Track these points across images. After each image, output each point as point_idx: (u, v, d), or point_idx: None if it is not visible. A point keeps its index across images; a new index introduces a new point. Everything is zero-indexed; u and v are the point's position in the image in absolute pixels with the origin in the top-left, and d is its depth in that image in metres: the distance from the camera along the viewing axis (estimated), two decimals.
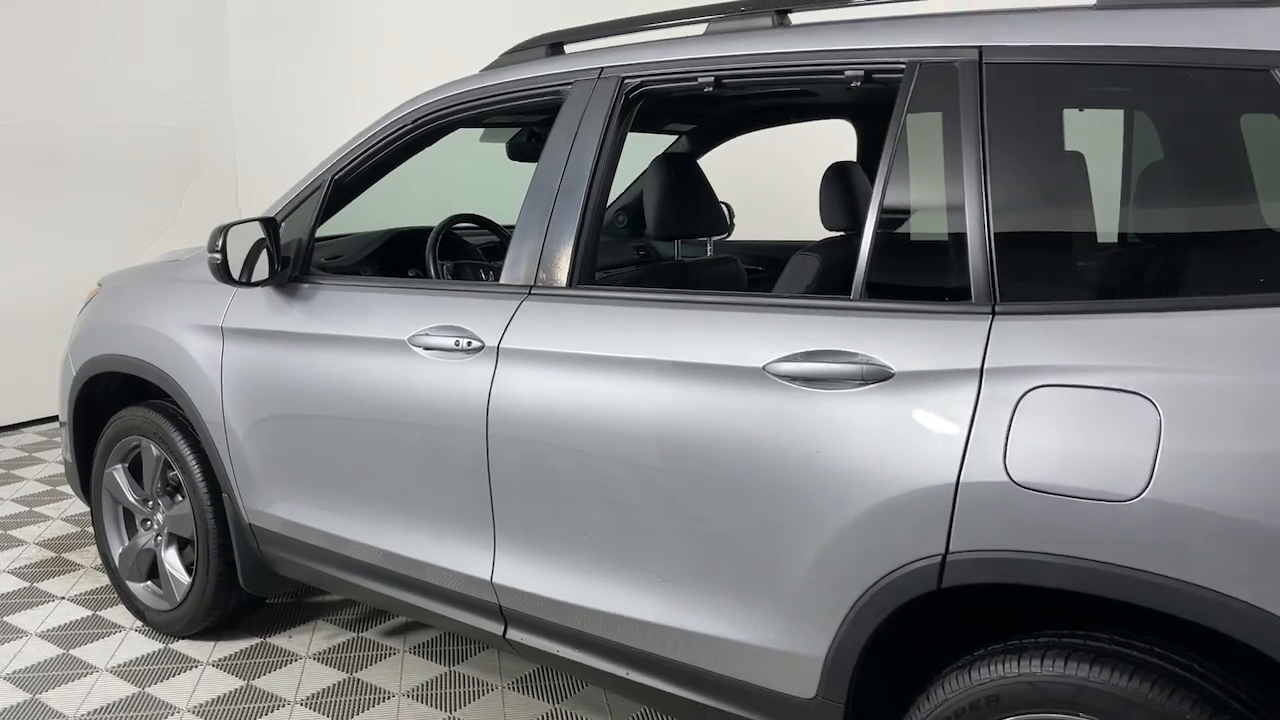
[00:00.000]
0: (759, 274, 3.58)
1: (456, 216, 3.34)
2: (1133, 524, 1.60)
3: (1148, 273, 1.84)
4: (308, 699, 3.04)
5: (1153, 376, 1.62)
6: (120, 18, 6.33)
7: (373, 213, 3.62)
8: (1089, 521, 1.63)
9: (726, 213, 4.26)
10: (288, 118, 6.79)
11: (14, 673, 3.19)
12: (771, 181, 4.69)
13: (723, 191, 4.38)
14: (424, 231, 3.28)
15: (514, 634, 2.51)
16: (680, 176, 2.73)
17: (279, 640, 3.42)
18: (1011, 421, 1.72)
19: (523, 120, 3.35)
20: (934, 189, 1.93)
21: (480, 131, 3.48)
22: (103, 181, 6.25)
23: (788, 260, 2.49)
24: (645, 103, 2.45)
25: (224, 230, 2.74)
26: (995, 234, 1.82)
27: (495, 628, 2.54)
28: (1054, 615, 1.81)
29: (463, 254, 3.36)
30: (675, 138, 3.95)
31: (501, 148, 3.53)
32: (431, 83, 2.80)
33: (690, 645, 2.16)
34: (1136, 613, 1.66)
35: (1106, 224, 1.87)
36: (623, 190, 4.12)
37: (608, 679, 2.36)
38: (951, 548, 1.77)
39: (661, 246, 3.98)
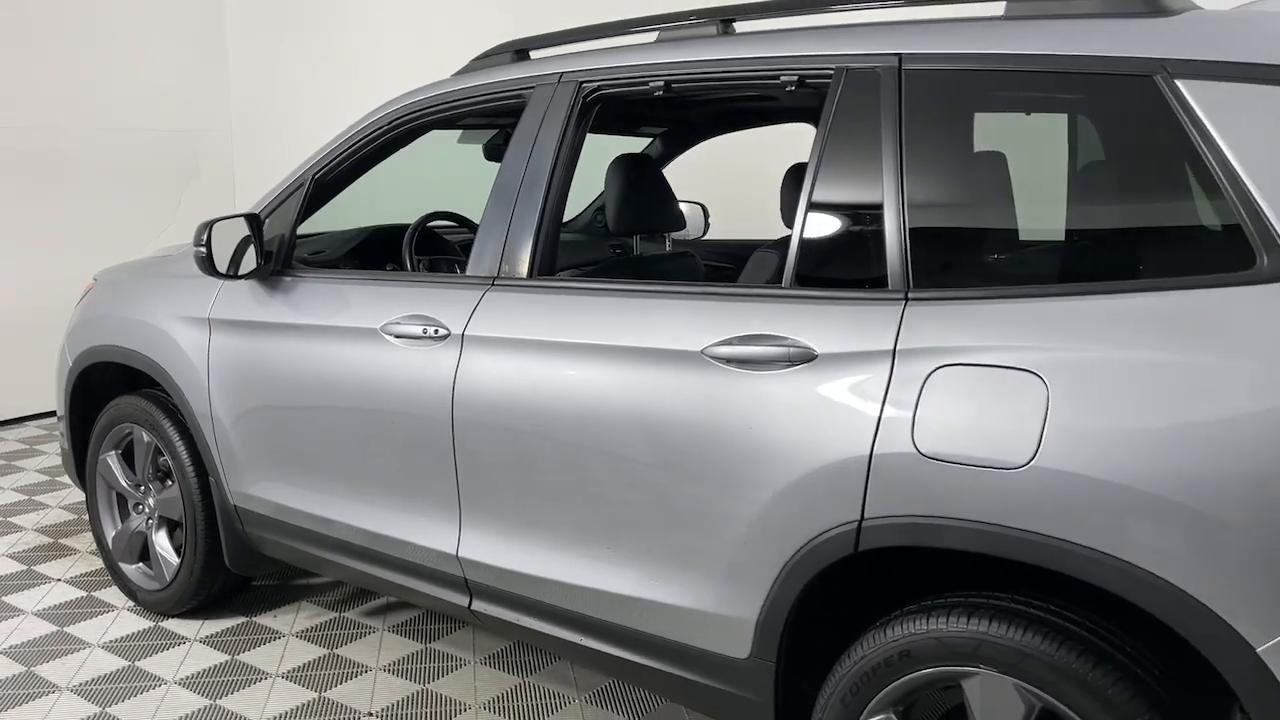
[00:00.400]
0: (727, 270, 3.73)
1: (432, 214, 3.50)
2: (1022, 490, 1.75)
3: (1040, 262, 1.99)
4: (289, 672, 3.20)
5: (1042, 355, 1.77)
6: (121, 23, 6.51)
7: (358, 210, 3.79)
8: (984, 488, 1.79)
9: (701, 213, 4.44)
10: (285, 120, 6.96)
11: (10, 647, 3.35)
12: (748, 184, 4.85)
13: (701, 193, 4.56)
14: (402, 228, 3.44)
15: (478, 605, 2.66)
16: (637, 176, 2.88)
17: (264, 619, 3.57)
18: (919, 398, 1.88)
19: (497, 122, 3.50)
20: (857, 186, 2.08)
21: (458, 134, 3.64)
22: (103, 182, 6.42)
23: None
24: (607, 106, 2.61)
25: (209, 225, 2.90)
26: (910, 227, 1.98)
27: (461, 600, 2.70)
28: (973, 577, 1.95)
29: (440, 250, 3.52)
30: (650, 140, 4.10)
31: (478, 149, 3.69)
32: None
33: (637, 611, 2.31)
34: (1041, 573, 1.80)
35: (1008, 219, 2.02)
36: (601, 191, 4.27)
37: (564, 646, 2.52)
38: (866, 515, 1.92)
39: (639, 244, 4.14)
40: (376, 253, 3.47)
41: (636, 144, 4.16)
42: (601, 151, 3.06)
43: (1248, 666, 1.58)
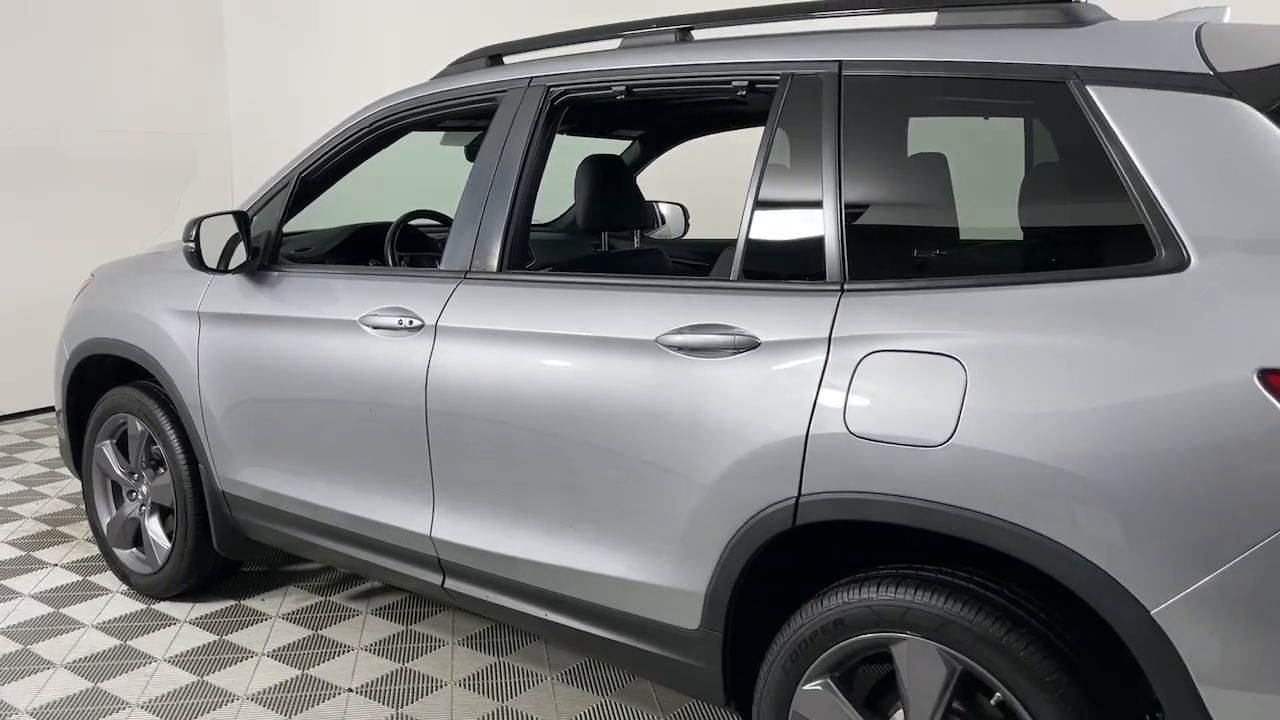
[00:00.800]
0: (703, 267, 3.87)
1: (414, 212, 3.64)
2: (941, 466, 1.88)
3: (964, 256, 2.13)
4: (274, 651, 3.34)
5: (961, 341, 1.91)
6: (122, 29, 6.67)
7: (346, 209, 3.93)
8: (908, 465, 1.92)
9: (682, 213, 4.58)
10: (281, 123, 7.10)
11: (7, 627, 3.49)
12: (730, 185, 4.99)
13: (684, 194, 4.69)
14: (385, 226, 3.57)
15: (451, 584, 2.80)
16: (605, 176, 3.02)
17: (252, 602, 3.71)
18: (851, 382, 2.01)
19: (475, 124, 3.64)
20: (799, 185, 2.21)
21: (441, 135, 3.78)
22: (104, 183, 6.57)
23: None
24: (574, 109, 2.75)
25: (198, 222, 3.05)
26: (846, 223, 2.12)
27: (435, 579, 2.83)
28: (922, 552, 2.06)
29: (421, 247, 3.66)
30: (629, 143, 4.24)
31: (460, 150, 3.83)
32: None
33: (597, 586, 2.44)
34: (974, 548, 1.92)
35: (937, 216, 2.15)
36: None
37: (530, 621, 2.65)
38: (803, 491, 2.06)
39: (615, 242, 4.27)
40: (361, 250, 3.61)
41: (618, 146, 4.30)
42: (583, 154, 3.19)
43: (1142, 627, 1.71)
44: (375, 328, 2.81)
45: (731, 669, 2.29)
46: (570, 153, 3.14)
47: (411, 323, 2.73)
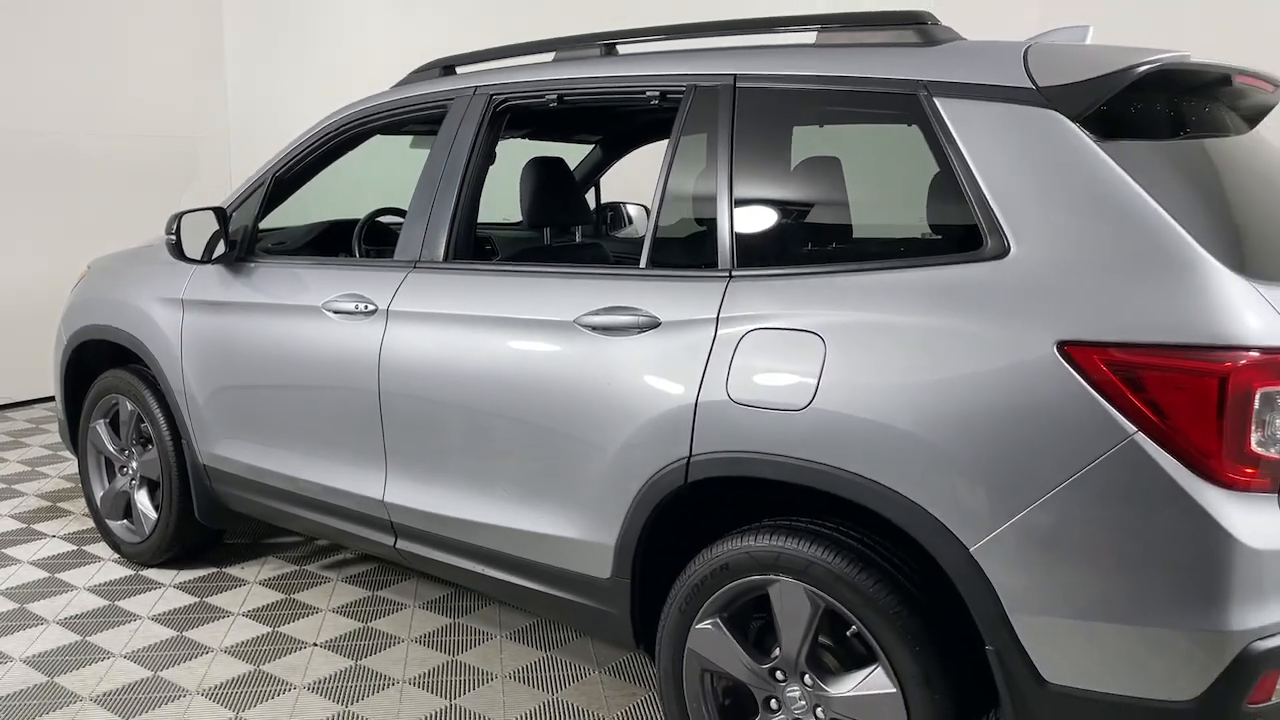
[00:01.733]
0: None
1: (380, 210, 3.93)
2: (803, 427, 2.16)
3: (830, 246, 2.41)
4: (248, 612, 3.63)
5: (823, 319, 2.19)
6: (127, 38, 7.01)
7: (327, 207, 4.23)
8: (776, 427, 2.20)
9: (645, 213, 4.87)
10: (279, 126, 7.39)
11: (6, 589, 3.80)
12: None
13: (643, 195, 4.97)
14: (355, 223, 3.87)
15: (402, 544, 3.09)
16: (546, 176, 3.30)
17: (232, 570, 4.01)
18: (733, 356, 2.29)
19: (433, 129, 3.92)
20: (697, 185, 2.50)
21: (410, 139, 4.08)
22: (107, 185, 6.90)
23: None
24: (515, 115, 3.05)
25: (179, 216, 3.35)
26: (735, 218, 2.40)
27: (388, 540, 3.12)
28: (801, 507, 2.31)
29: (386, 241, 3.95)
30: (591, 148, 4.53)
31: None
32: None
33: (525, 542, 2.73)
34: (838, 501, 2.18)
35: (811, 212, 2.44)
36: None
37: (469, 576, 2.94)
38: (693, 452, 2.34)
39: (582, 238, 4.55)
40: (332, 244, 3.91)
41: (582, 151, 4.59)
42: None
43: (963, 563, 1.99)
44: (335, 312, 3.11)
45: (639, 614, 2.57)
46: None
47: (367, 307, 3.03)
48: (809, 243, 2.42)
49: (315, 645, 3.37)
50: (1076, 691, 1.93)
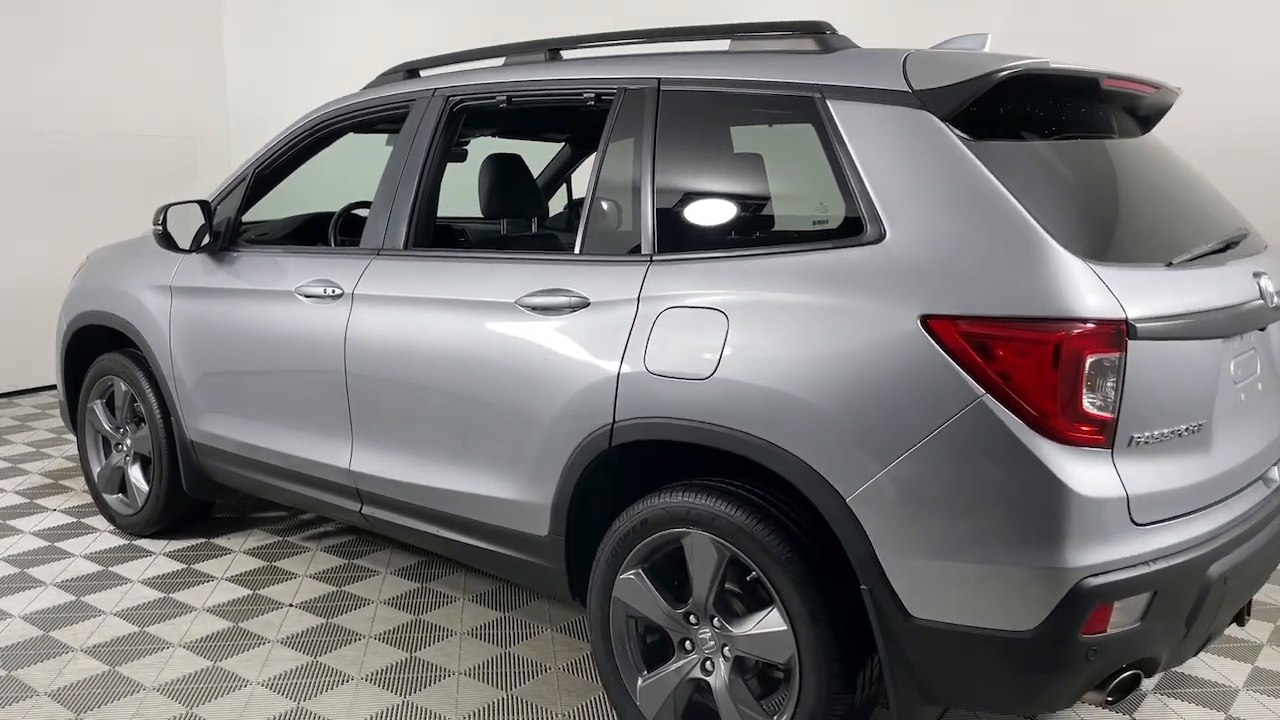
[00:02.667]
0: None
1: (356, 203, 4.19)
2: (707, 394, 2.42)
3: (735, 233, 2.66)
4: (231, 577, 3.91)
5: (726, 297, 2.45)
6: (130, 41, 7.31)
7: (316, 201, 4.49)
8: (685, 394, 2.46)
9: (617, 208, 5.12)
10: (278, 126, 7.68)
11: (8, 556, 4.09)
12: None
13: None
14: (332, 215, 4.14)
15: (367, 510, 3.36)
16: (502, 172, 3.56)
17: (219, 540, 4.29)
18: (651, 331, 2.55)
19: (398, 127, 4.18)
20: (624, 179, 2.76)
21: (386, 137, 4.34)
22: (111, 183, 7.19)
23: None
24: (471, 115, 3.31)
25: (165, 209, 3.63)
26: (656, 209, 2.66)
27: (354, 506, 3.40)
28: (719, 468, 2.56)
29: (360, 232, 4.20)
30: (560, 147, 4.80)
31: None
32: None
33: (474, 504, 2.99)
34: (743, 461, 2.43)
35: (722, 203, 2.70)
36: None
37: (424, 537, 3.21)
38: (616, 418, 2.60)
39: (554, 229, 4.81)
40: (312, 234, 4.18)
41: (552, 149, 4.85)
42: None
43: (840, 511, 2.24)
44: (307, 296, 3.38)
45: (573, 568, 2.83)
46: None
47: (334, 291, 3.30)
48: (718, 230, 2.67)
49: (291, 606, 3.65)
50: (937, 624, 2.18)
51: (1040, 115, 2.51)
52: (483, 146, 4.16)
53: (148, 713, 2.92)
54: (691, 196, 2.71)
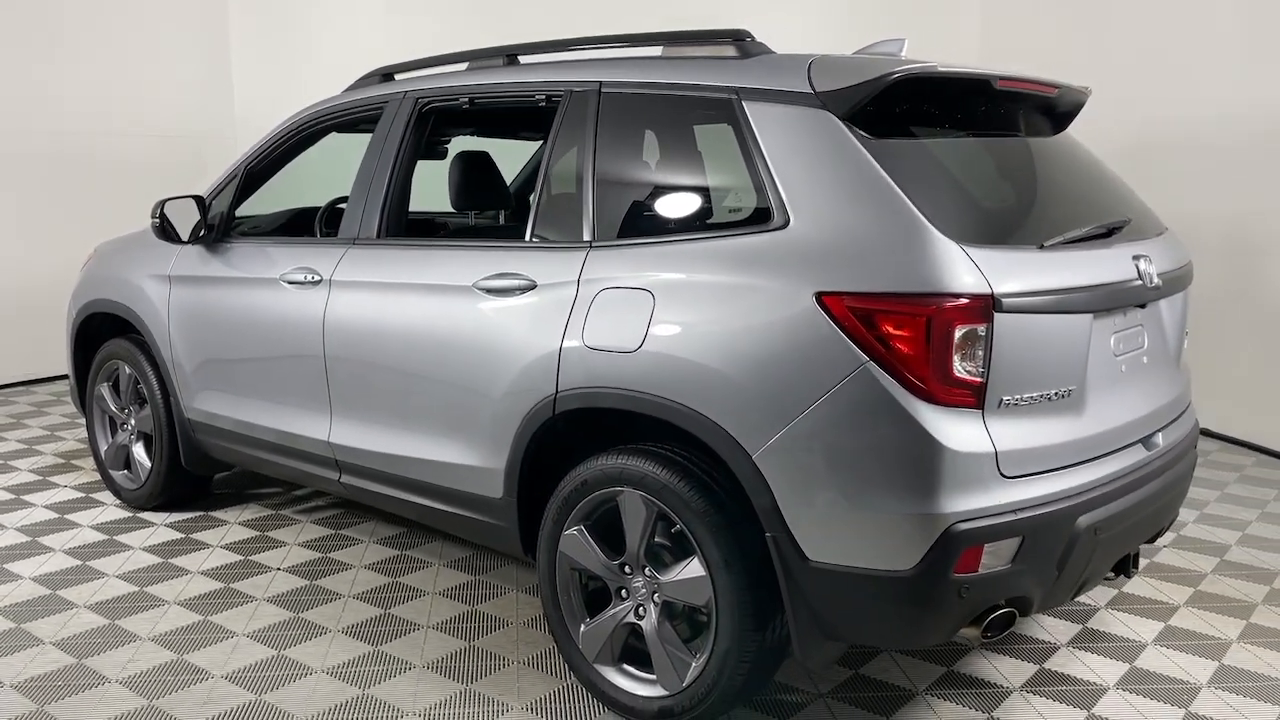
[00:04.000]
0: None
1: (340, 198, 4.47)
2: (635, 365, 2.70)
3: (662, 221, 2.92)
4: (226, 545, 4.22)
5: (653, 278, 2.72)
6: (137, 43, 7.65)
7: (303, 195, 4.79)
8: (616, 365, 2.74)
9: None
10: None
11: (21, 526, 4.41)
12: None
13: None
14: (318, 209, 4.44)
15: (345, 479, 3.66)
16: (470, 167, 3.83)
17: (218, 513, 4.60)
18: (589, 310, 2.83)
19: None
20: (569, 173, 3.04)
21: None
22: (121, 181, 7.53)
23: None
24: (440, 116, 3.60)
25: (162, 203, 3.94)
26: (595, 201, 2.94)
27: (333, 475, 3.69)
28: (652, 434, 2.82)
29: None
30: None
31: None
32: None
33: (438, 470, 3.28)
34: (675, 429, 2.70)
35: (652, 194, 2.98)
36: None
37: (395, 502, 3.51)
38: (559, 389, 2.88)
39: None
40: (300, 227, 4.47)
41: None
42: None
43: (748, 467, 2.51)
44: (290, 282, 3.68)
45: (525, 527, 3.11)
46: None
47: (314, 278, 3.60)
48: (648, 219, 2.94)
49: (279, 570, 3.95)
50: (831, 566, 2.45)
51: (935, 114, 2.78)
52: (466, 146, 4.46)
53: (142, 659, 3.22)
54: (626, 188, 2.99)
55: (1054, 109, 3.17)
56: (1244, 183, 5.63)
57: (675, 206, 2.87)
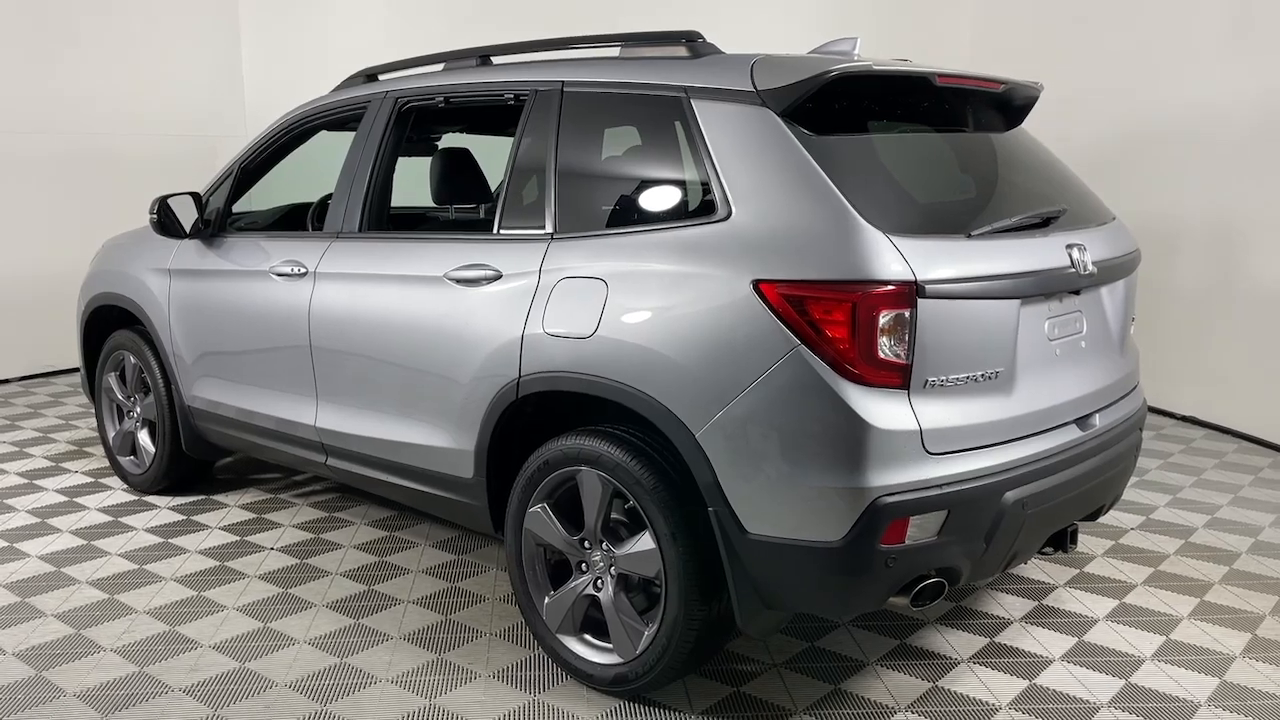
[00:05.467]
0: None
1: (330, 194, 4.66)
2: (590, 350, 2.85)
3: (617, 213, 3.07)
4: (224, 526, 4.41)
5: (606, 267, 2.88)
6: (150, 46, 7.88)
7: (297, 193, 4.98)
8: (573, 351, 2.89)
9: None
10: None
11: (32, 508, 4.63)
12: None
13: None
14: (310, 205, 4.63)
15: (331, 461, 3.84)
16: (450, 163, 3.99)
17: (218, 497, 4.80)
18: (549, 298, 2.99)
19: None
20: (533, 168, 3.19)
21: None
22: (135, 179, 7.73)
23: None
24: (416, 114, 3.76)
25: (159, 200, 4.14)
26: (557, 194, 3.09)
27: (320, 458, 3.87)
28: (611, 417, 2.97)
29: None
30: None
31: None
32: None
33: (416, 452, 3.45)
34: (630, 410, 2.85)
35: (608, 187, 3.13)
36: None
37: (376, 484, 3.68)
38: (521, 374, 3.04)
39: None
40: (294, 222, 4.66)
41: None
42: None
43: (691, 445, 2.66)
44: (278, 274, 3.87)
45: (495, 506, 3.27)
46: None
47: (300, 270, 3.78)
48: (605, 211, 3.08)
49: (272, 549, 4.14)
50: (767, 538, 2.60)
51: (877, 110, 2.92)
52: (449, 143, 4.63)
53: (136, 630, 3.42)
54: (585, 183, 3.15)
55: (1006, 104, 3.30)
56: (1232, 175, 5.71)
57: (629, 200, 3.02)
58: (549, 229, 3.09)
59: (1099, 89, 6.49)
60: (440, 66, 3.77)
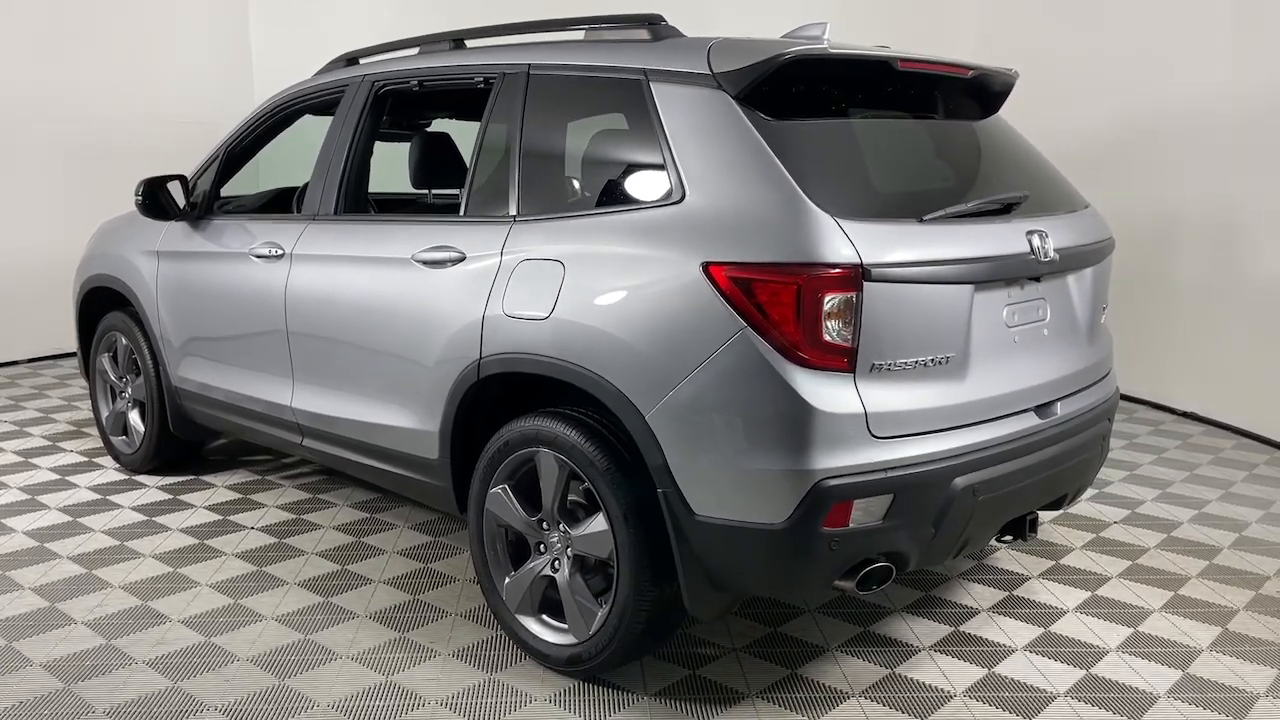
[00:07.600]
0: None
1: None
2: (546, 331, 2.86)
3: (575, 195, 3.08)
4: (210, 505, 4.47)
5: (564, 249, 2.89)
6: (160, 35, 7.97)
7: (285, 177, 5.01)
8: (530, 332, 2.90)
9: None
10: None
11: (25, 485, 4.70)
12: None
13: None
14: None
15: (307, 441, 3.88)
16: (426, 147, 4.01)
17: (207, 478, 4.86)
18: (510, 280, 3.00)
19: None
20: (498, 151, 3.21)
21: None
22: (144, 166, 7.81)
23: None
24: (393, 98, 3.78)
25: (144, 182, 4.19)
26: (521, 176, 3.11)
27: (296, 439, 3.91)
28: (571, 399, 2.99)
29: None
30: None
31: None
32: None
33: (384, 433, 3.48)
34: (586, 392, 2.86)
35: (567, 169, 3.14)
36: None
37: (348, 464, 3.71)
38: (482, 355, 3.06)
39: None
40: (281, 205, 4.70)
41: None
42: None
43: (641, 426, 2.67)
44: (257, 256, 3.90)
45: (459, 487, 3.29)
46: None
47: (278, 251, 3.81)
48: (565, 194, 3.10)
49: (252, 529, 4.19)
50: (714, 519, 2.60)
51: (836, 94, 2.90)
52: (430, 127, 4.67)
53: (109, 604, 3.47)
54: (546, 165, 3.16)
55: (979, 91, 3.27)
56: (1233, 169, 5.64)
57: (589, 182, 3.02)
58: (513, 211, 3.10)
59: (1100, 84, 6.42)
60: (415, 50, 3.79)
